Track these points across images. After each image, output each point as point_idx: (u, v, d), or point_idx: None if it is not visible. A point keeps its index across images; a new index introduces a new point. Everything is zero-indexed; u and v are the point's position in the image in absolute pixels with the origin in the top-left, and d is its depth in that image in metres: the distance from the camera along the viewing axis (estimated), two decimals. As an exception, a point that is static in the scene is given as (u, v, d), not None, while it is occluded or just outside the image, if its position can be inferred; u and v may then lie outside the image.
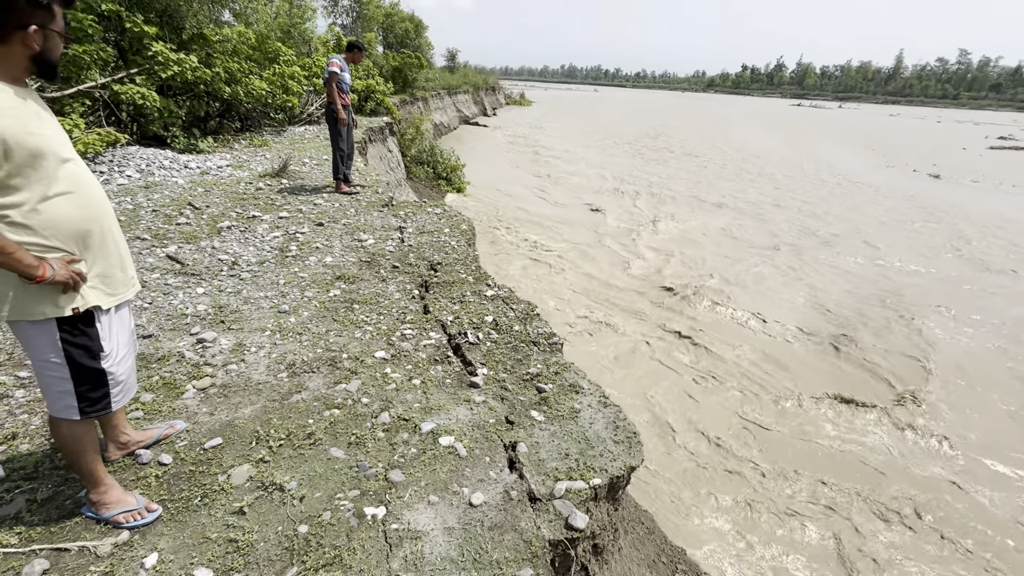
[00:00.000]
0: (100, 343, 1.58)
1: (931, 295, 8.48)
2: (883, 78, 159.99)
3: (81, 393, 1.57)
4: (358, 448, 2.14)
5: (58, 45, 1.44)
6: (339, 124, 5.74)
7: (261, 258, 4.08)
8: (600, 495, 2.11)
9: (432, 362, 2.85)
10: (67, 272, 1.43)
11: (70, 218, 1.46)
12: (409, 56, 24.10)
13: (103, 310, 1.59)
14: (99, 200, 1.57)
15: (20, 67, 1.38)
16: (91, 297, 1.54)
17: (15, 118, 1.33)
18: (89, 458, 1.68)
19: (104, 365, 1.59)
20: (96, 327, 1.57)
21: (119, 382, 1.66)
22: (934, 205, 15.25)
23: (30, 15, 1.33)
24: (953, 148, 32.33)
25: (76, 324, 1.52)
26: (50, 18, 1.38)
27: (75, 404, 1.57)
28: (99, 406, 1.62)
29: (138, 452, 2.01)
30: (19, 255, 1.32)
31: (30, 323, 1.46)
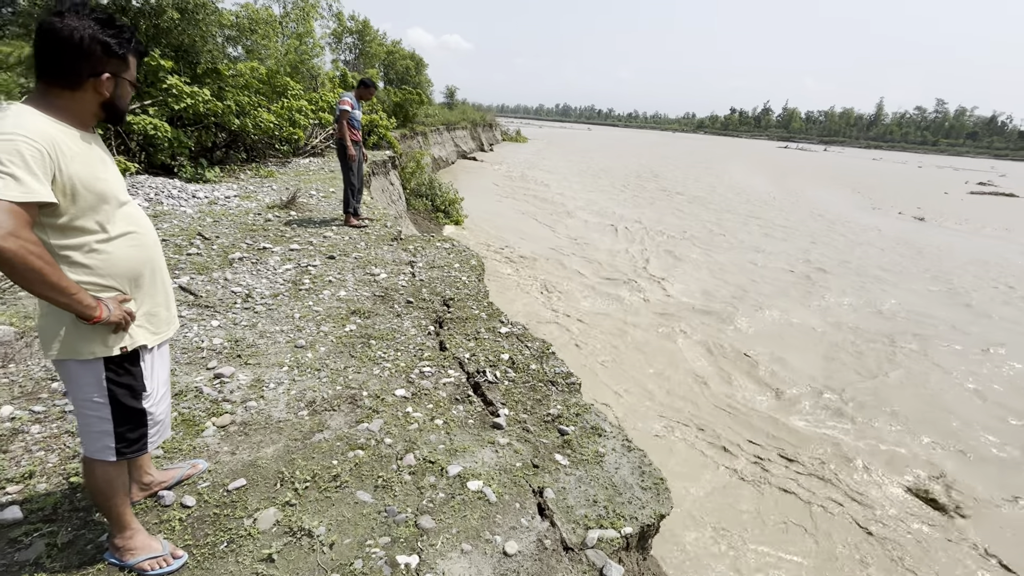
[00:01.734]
0: (143, 382, 1.57)
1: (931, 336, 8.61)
2: (865, 124, 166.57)
3: (120, 434, 1.54)
4: (385, 492, 2.10)
5: (128, 93, 1.48)
6: (349, 159, 5.84)
7: (275, 291, 4.08)
8: (631, 544, 2.08)
9: (453, 401, 2.83)
10: (121, 312, 1.44)
11: (126, 259, 1.48)
12: (410, 92, 24.78)
13: (148, 349, 1.58)
14: (152, 241, 1.59)
15: (90, 113, 1.42)
16: (139, 336, 1.53)
17: (84, 164, 1.36)
18: (119, 501, 1.64)
19: (145, 405, 1.58)
20: (141, 366, 1.56)
21: (157, 422, 1.64)
22: (922, 247, 15.64)
23: (105, 63, 1.36)
24: (935, 192, 33.39)
25: (122, 363, 1.51)
26: (124, 67, 1.42)
27: (112, 445, 1.54)
28: (136, 447, 1.59)
29: (161, 493, 1.96)
30: (80, 296, 1.32)
31: (78, 362, 1.45)
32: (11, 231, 1.15)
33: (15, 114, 1.26)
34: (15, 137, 1.21)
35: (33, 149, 1.22)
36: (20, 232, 1.18)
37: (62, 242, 1.35)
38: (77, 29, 1.30)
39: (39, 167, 1.23)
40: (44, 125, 1.29)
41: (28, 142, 1.22)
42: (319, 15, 16.64)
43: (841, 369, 7.23)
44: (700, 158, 50.29)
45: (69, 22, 1.30)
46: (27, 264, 1.19)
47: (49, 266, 1.24)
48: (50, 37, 1.30)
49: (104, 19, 1.36)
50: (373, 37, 27.81)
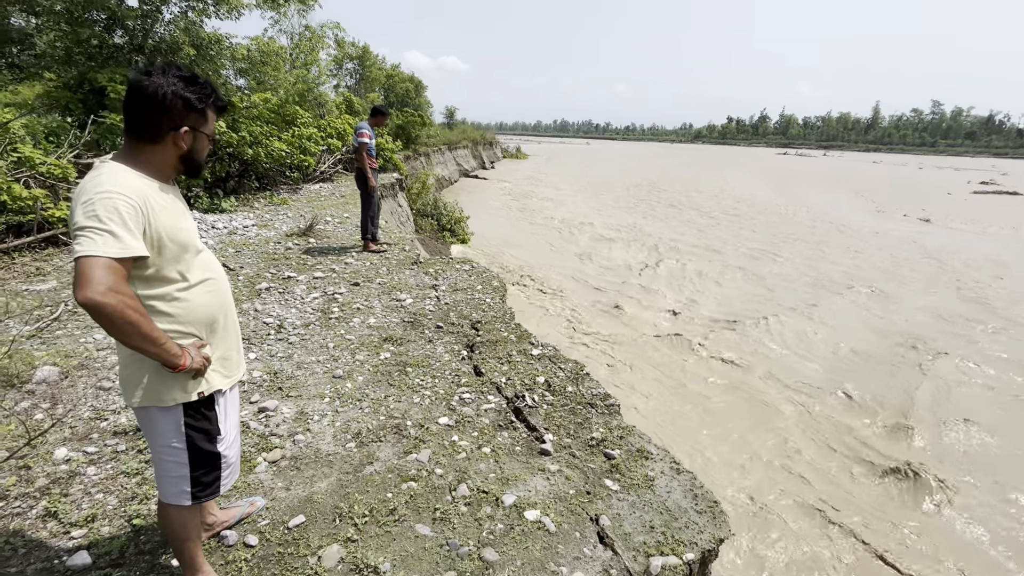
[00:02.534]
0: (218, 426, 1.59)
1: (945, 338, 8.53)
2: (863, 127, 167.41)
3: (195, 478, 1.56)
4: (444, 524, 2.10)
5: (206, 147, 1.53)
6: (371, 190, 5.93)
7: (305, 320, 4.11)
8: (694, 571, 2.06)
9: (497, 428, 2.83)
10: (201, 358, 1.47)
11: (204, 305, 1.52)
12: (412, 114, 25.14)
13: (222, 392, 1.61)
14: (226, 287, 1.64)
15: (170, 166, 1.47)
16: (214, 381, 1.56)
17: (169, 216, 1.41)
18: (193, 544, 1.65)
19: (220, 448, 1.60)
20: (216, 410, 1.59)
21: (229, 464, 1.66)
22: (932, 250, 15.59)
23: (184, 117, 1.42)
24: (938, 193, 33.40)
25: (199, 408, 1.53)
26: (202, 122, 1.47)
27: (188, 489, 1.56)
28: (210, 490, 1.61)
29: (224, 533, 1.97)
30: (168, 345, 1.35)
31: (159, 409, 1.47)
32: (111, 287, 1.20)
33: (110, 172, 1.32)
34: (113, 195, 1.26)
35: (128, 205, 1.28)
36: (119, 287, 1.22)
37: (148, 292, 1.40)
38: (161, 86, 1.36)
39: (134, 223, 1.28)
40: (135, 181, 1.35)
41: (124, 199, 1.28)
42: (326, 44, 17.00)
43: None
44: (699, 168, 50.58)
45: (155, 79, 1.37)
46: (125, 318, 1.23)
47: (144, 318, 1.28)
48: (137, 94, 1.37)
49: (187, 76, 1.42)
50: (373, 62, 28.33)
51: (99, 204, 1.24)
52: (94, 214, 1.23)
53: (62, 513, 2.04)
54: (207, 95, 1.46)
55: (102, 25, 7.91)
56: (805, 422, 5.94)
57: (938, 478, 4.95)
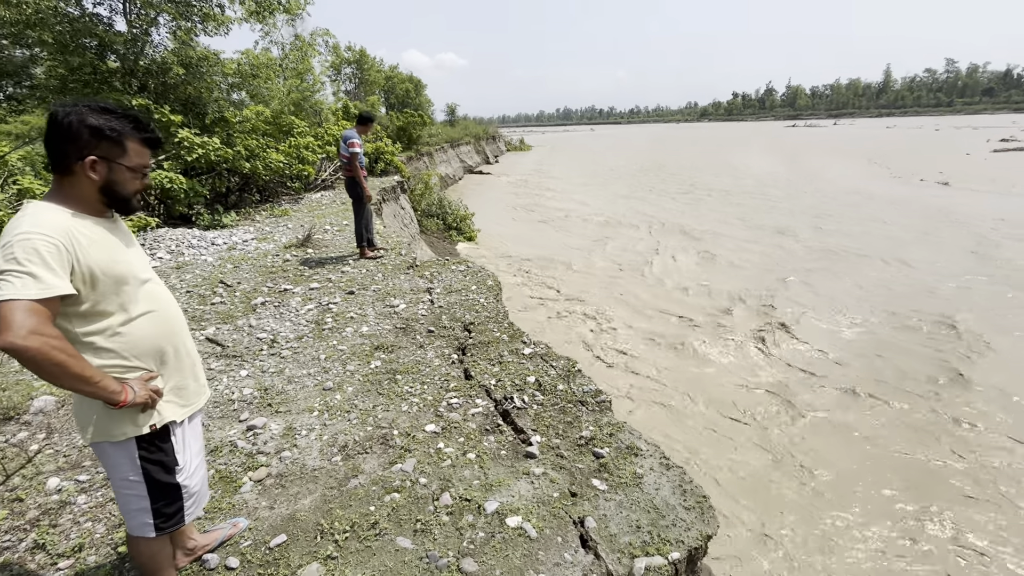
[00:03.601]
0: (175, 457, 1.58)
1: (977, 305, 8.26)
2: (874, 92, 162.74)
3: (156, 510, 1.56)
4: (425, 536, 2.08)
5: (128, 180, 1.45)
6: (366, 200, 5.93)
7: (299, 333, 4.13)
8: (680, 570, 2.01)
9: (483, 432, 2.80)
10: (146, 392, 1.45)
11: (149, 336, 1.50)
12: (412, 115, 25.13)
13: (177, 423, 1.60)
14: (174, 316, 1.61)
15: (92, 199, 1.42)
16: (167, 412, 1.55)
17: (101, 249, 1.38)
18: (165, 574, 1.65)
19: (179, 479, 1.59)
20: (171, 441, 1.57)
21: (192, 494, 1.65)
22: (952, 213, 15.10)
23: (92, 147, 1.36)
24: (956, 154, 32.33)
25: (153, 440, 1.53)
26: (118, 152, 1.41)
27: (151, 521, 1.56)
28: (173, 521, 1.61)
29: (205, 557, 1.98)
30: (104, 383, 1.34)
31: (111, 444, 1.47)
32: (32, 329, 1.18)
33: (32, 213, 1.31)
34: (31, 235, 1.24)
35: (49, 245, 1.25)
36: (42, 329, 1.20)
37: (85, 328, 1.38)
38: (68, 115, 1.33)
39: (56, 262, 1.26)
40: (59, 218, 1.32)
41: (44, 238, 1.25)
42: (316, 52, 17.03)
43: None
44: (706, 147, 49.72)
45: (64, 110, 1.34)
46: (51, 359, 1.21)
47: (72, 358, 1.26)
48: (48, 126, 1.35)
49: (98, 107, 1.38)
50: (371, 64, 28.38)
51: (17, 247, 1.22)
52: (12, 257, 1.21)
53: (50, 545, 2.08)
54: (120, 124, 1.39)
55: (93, 52, 8.02)
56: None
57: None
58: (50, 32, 7.43)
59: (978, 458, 4.79)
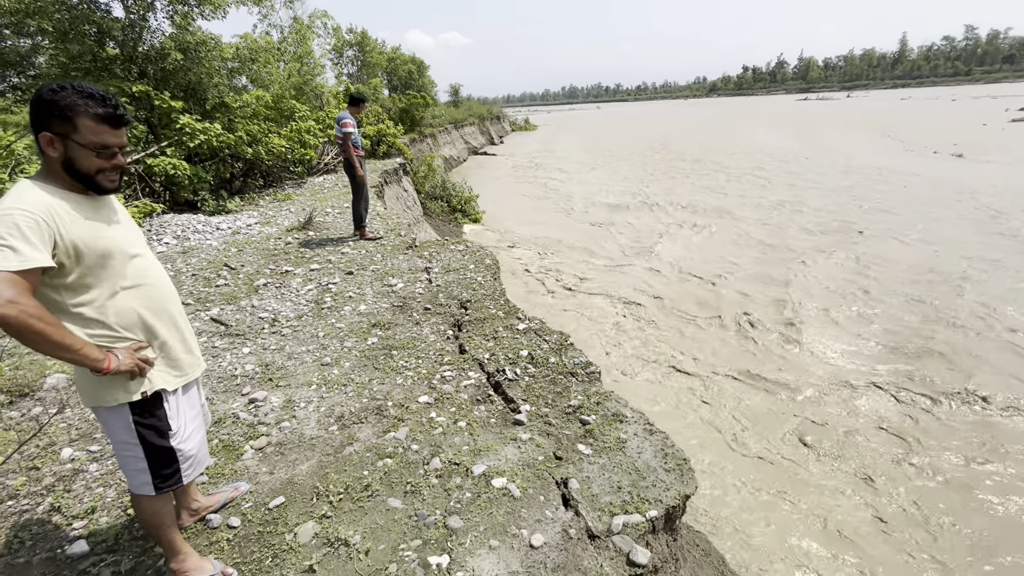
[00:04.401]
0: (168, 423, 1.66)
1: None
2: (889, 63, 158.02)
3: (154, 470, 1.66)
4: (414, 496, 2.19)
5: (83, 157, 1.44)
6: (359, 180, 5.98)
7: (299, 312, 4.24)
8: (658, 527, 2.11)
9: (475, 402, 2.90)
10: (132, 360, 1.52)
11: (136, 308, 1.56)
12: (415, 96, 24.93)
13: (169, 392, 1.67)
14: (164, 289, 1.68)
15: (61, 174, 1.45)
16: (157, 381, 1.62)
17: (85, 224, 1.44)
18: (168, 530, 1.77)
19: (173, 443, 1.67)
20: (164, 408, 1.65)
21: (188, 457, 1.73)
22: (962, 186, 14.81)
23: (45, 123, 1.40)
24: (972, 125, 31.50)
25: (146, 406, 1.61)
26: (70, 129, 1.41)
27: (150, 481, 1.66)
28: (171, 481, 1.70)
29: (208, 517, 2.11)
30: (85, 351, 1.40)
31: (106, 409, 1.57)
32: (10, 299, 1.24)
33: (15, 192, 1.38)
34: (12, 211, 1.31)
35: (29, 220, 1.32)
36: (19, 299, 1.25)
37: (74, 300, 1.45)
38: (37, 93, 1.40)
39: (35, 236, 1.31)
40: (41, 196, 1.39)
41: (24, 214, 1.32)
42: (315, 35, 16.89)
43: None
44: (714, 125, 48.84)
45: (40, 89, 1.39)
46: (29, 327, 1.27)
47: (51, 327, 1.32)
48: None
49: (57, 87, 1.39)
50: (373, 47, 28.05)
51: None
52: None
53: (65, 507, 2.22)
54: (71, 100, 1.39)
55: (93, 39, 8.05)
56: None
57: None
58: (49, 20, 7.46)
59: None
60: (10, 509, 2.23)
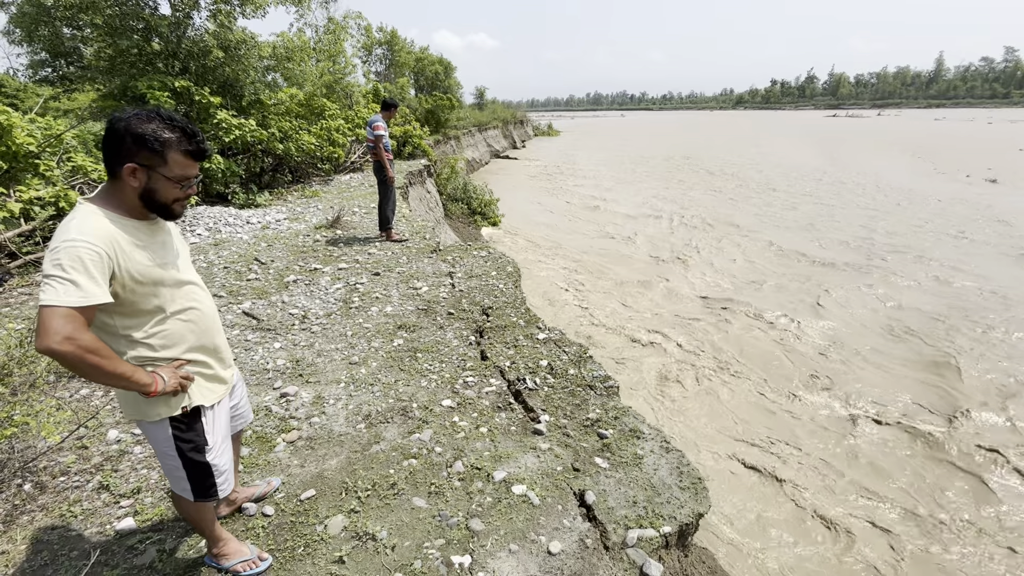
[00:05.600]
0: (205, 437, 1.70)
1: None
2: (924, 82, 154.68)
3: (193, 482, 1.73)
4: (438, 497, 2.30)
5: (166, 189, 1.49)
6: (389, 182, 6.14)
7: (328, 310, 4.39)
8: (671, 543, 2.18)
9: (495, 409, 3.00)
10: (176, 380, 1.57)
11: (182, 332, 1.62)
12: (441, 98, 25.23)
13: (208, 407, 1.74)
14: (208, 313, 1.72)
15: (134, 203, 1.49)
16: (196, 397, 1.68)
17: (142, 253, 1.48)
18: (208, 522, 1.88)
19: (208, 458, 1.73)
20: (202, 422, 1.72)
21: (222, 472, 1.79)
22: (993, 214, 14.51)
23: (134, 154, 1.42)
24: (1009, 150, 30.73)
25: (185, 421, 1.68)
26: (159, 162, 1.45)
27: (190, 488, 1.74)
28: (208, 493, 1.77)
29: (245, 505, 2.24)
30: (136, 377, 1.45)
31: (148, 423, 1.64)
32: (67, 335, 1.28)
33: (80, 218, 1.39)
34: (77, 243, 1.33)
35: (93, 253, 1.34)
36: (76, 335, 1.29)
37: (125, 323, 1.50)
38: (119, 122, 1.42)
39: (97, 270, 1.34)
40: (105, 225, 1.41)
41: (88, 247, 1.34)
42: (348, 35, 17.24)
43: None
44: (739, 136, 48.35)
45: (117, 116, 1.43)
46: (84, 362, 1.32)
47: (105, 360, 1.36)
48: (106, 129, 1.44)
49: (151, 114, 1.44)
50: (402, 46, 28.43)
51: (63, 253, 1.31)
52: (58, 263, 1.30)
53: (113, 486, 2.37)
54: (165, 135, 1.44)
55: (140, 34, 8.39)
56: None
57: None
58: (101, 15, 7.81)
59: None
60: (62, 484, 2.39)
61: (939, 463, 4.82)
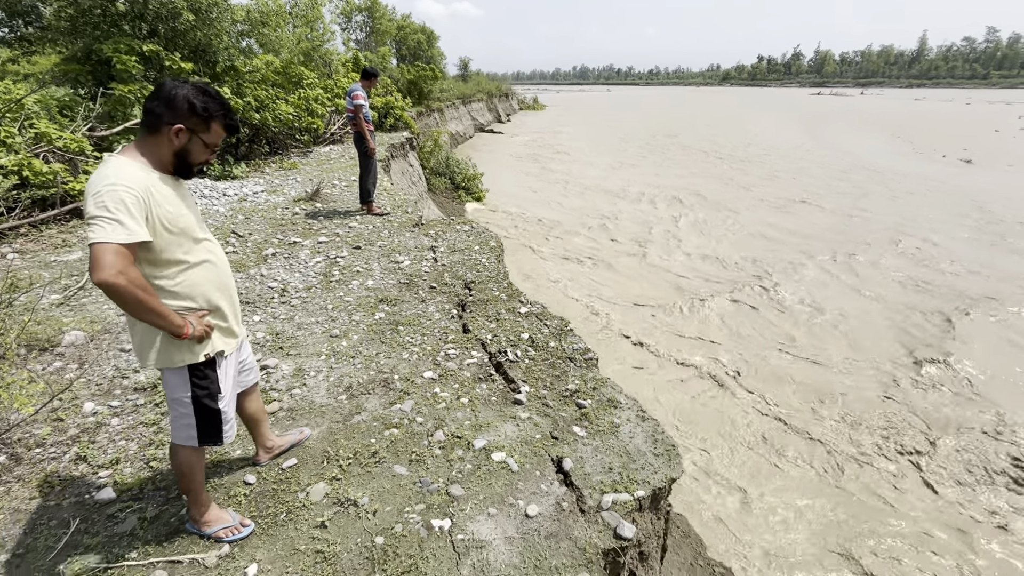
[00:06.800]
0: (219, 385, 1.82)
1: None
2: (906, 61, 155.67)
3: (200, 428, 1.82)
4: (419, 465, 2.34)
5: (200, 153, 1.68)
6: (370, 153, 6.01)
7: (307, 284, 4.35)
8: (644, 506, 2.27)
9: (477, 380, 3.04)
10: (203, 327, 1.69)
11: (204, 283, 1.73)
12: (423, 68, 24.56)
13: (224, 355, 1.84)
14: (225, 267, 1.85)
15: (165, 159, 1.64)
16: (218, 344, 1.80)
17: (169, 204, 1.60)
18: (197, 480, 1.92)
19: (220, 406, 1.83)
20: (217, 371, 1.82)
21: (229, 419, 1.89)
22: (967, 193, 14.87)
23: (184, 117, 1.60)
24: (984, 131, 31.31)
25: (203, 369, 1.77)
26: (202, 128, 1.64)
27: (195, 435, 1.83)
28: (213, 438, 1.86)
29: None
30: (171, 318, 1.58)
31: (170, 370, 1.73)
32: (120, 269, 1.41)
33: (115, 165, 1.51)
34: (118, 186, 1.45)
35: (132, 196, 1.47)
36: (127, 269, 1.43)
37: (154, 272, 1.60)
38: (177, 88, 1.60)
39: (137, 211, 1.47)
40: (138, 172, 1.53)
41: (128, 190, 1.46)
42: (327, 0, 16.57)
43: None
44: (723, 115, 48.31)
45: (177, 83, 1.61)
46: (133, 295, 1.45)
47: (150, 295, 1.50)
48: (156, 90, 1.61)
49: (204, 89, 1.63)
50: (383, 13, 27.46)
51: (107, 196, 1.43)
52: (103, 204, 1.42)
53: (91, 457, 2.36)
54: (214, 107, 1.64)
55: (103, -7, 7.94)
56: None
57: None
58: (60, -29, 7.35)
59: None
60: (38, 456, 2.37)
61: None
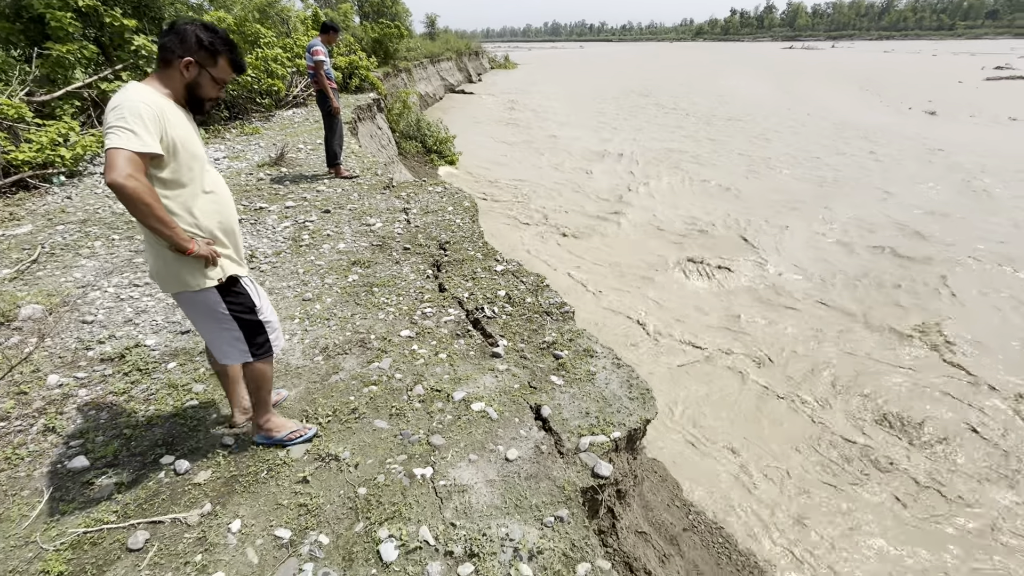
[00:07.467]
0: (253, 300, 1.94)
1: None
2: (876, 13, 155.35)
3: (249, 340, 1.94)
4: (399, 419, 2.36)
5: (210, 87, 1.77)
6: (334, 112, 5.77)
7: (276, 249, 4.24)
8: (620, 446, 2.35)
9: (454, 337, 3.05)
10: (208, 249, 1.76)
11: (211, 211, 1.80)
12: (388, 26, 23.39)
13: (243, 277, 1.93)
14: (230, 199, 1.93)
15: (179, 91, 1.73)
16: (230, 268, 1.88)
17: (183, 128, 1.69)
18: (266, 390, 2.09)
19: (260, 317, 1.96)
20: (244, 290, 1.93)
21: (274, 328, 2.04)
22: (930, 144, 15.21)
23: (194, 51, 1.69)
24: (948, 82, 31.78)
25: (230, 289, 1.87)
26: (210, 62, 1.73)
27: (247, 350, 1.94)
28: (264, 349, 1.99)
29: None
30: (178, 231, 1.65)
31: (191, 293, 1.81)
32: (131, 173, 1.49)
33: (134, 86, 1.62)
34: (135, 101, 1.55)
35: (149, 111, 1.56)
36: (138, 175, 1.50)
37: (165, 192, 1.67)
38: (187, 24, 1.71)
39: (153, 126, 1.56)
40: (156, 96, 1.64)
41: (145, 105, 1.56)
42: (281, -51, 15.44)
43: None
44: (696, 72, 47.79)
45: (183, 20, 1.72)
46: (142, 198, 1.51)
47: (157, 202, 1.57)
48: (169, 28, 1.71)
49: (211, 27, 1.73)
50: (342, -33, 25.86)
51: (125, 109, 1.52)
52: (122, 116, 1.51)
53: (59, 428, 2.31)
54: (219, 43, 1.73)
55: (28, -58, 7.23)
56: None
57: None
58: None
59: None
60: (3, 429, 2.31)
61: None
